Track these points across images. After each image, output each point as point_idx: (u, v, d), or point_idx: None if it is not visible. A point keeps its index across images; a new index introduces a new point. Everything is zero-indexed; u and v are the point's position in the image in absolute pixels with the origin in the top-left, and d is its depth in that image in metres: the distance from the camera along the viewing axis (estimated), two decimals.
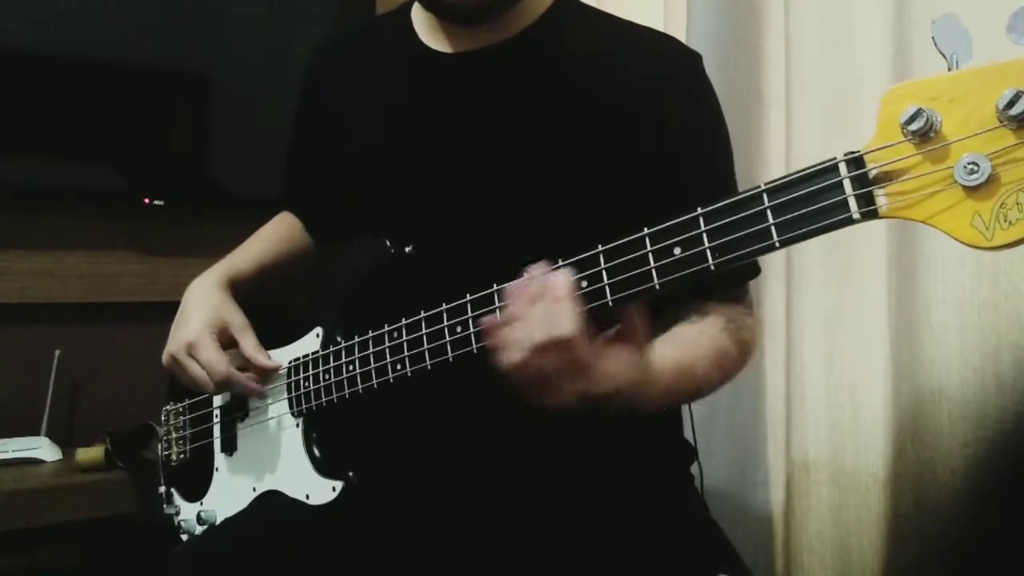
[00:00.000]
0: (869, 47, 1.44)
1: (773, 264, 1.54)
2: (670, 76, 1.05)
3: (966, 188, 0.57)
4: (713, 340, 0.99)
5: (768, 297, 1.56)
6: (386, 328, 0.97)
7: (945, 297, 1.35)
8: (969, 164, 0.57)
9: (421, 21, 1.13)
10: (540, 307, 0.77)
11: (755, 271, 1.10)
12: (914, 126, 0.58)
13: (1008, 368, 1.29)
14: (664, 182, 1.00)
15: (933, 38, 0.57)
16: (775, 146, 1.59)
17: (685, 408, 1.20)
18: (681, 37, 1.53)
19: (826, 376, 1.48)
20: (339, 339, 1.05)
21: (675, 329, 1.00)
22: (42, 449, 1.79)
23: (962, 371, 1.33)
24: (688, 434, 1.20)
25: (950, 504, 1.33)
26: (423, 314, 0.92)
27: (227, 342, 1.12)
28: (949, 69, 0.58)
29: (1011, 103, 0.54)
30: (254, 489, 1.13)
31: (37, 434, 1.82)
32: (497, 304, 0.85)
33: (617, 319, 0.80)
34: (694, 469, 1.18)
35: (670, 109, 1.02)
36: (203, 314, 1.12)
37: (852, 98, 1.44)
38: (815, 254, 1.49)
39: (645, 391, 0.85)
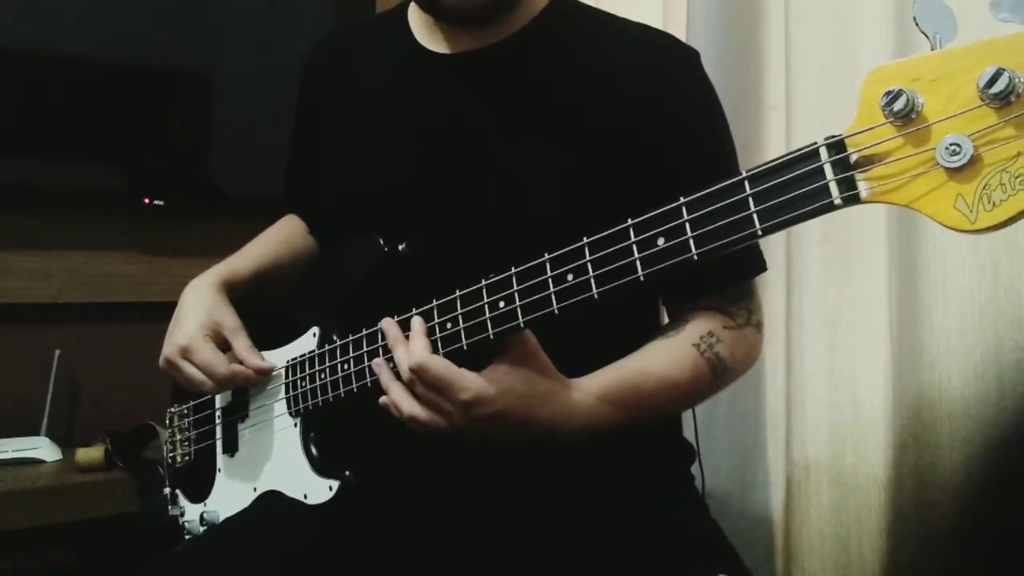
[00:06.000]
0: (869, 47, 1.43)
1: (773, 264, 1.51)
2: (667, 73, 1.04)
3: (948, 170, 0.56)
4: (675, 358, 0.97)
5: (768, 297, 1.54)
6: (379, 326, 0.96)
7: (946, 297, 1.34)
8: (951, 145, 0.55)
9: (418, 21, 1.13)
10: (398, 352, 0.89)
11: (754, 268, 1.07)
12: (895, 108, 0.57)
13: (1009, 368, 1.28)
14: (662, 180, 0.98)
15: (915, 18, 0.56)
16: (775, 148, 1.58)
17: None
18: (681, 38, 1.53)
19: (826, 376, 1.47)
20: (335, 338, 1.04)
21: (643, 347, 0.99)
22: (42, 449, 1.79)
23: (963, 371, 1.33)
24: (689, 434, 1.19)
25: (951, 504, 1.33)
26: (414, 311, 0.92)
27: (221, 344, 1.12)
28: (932, 49, 0.57)
29: (992, 80, 0.53)
30: (255, 489, 1.13)
31: (37, 434, 1.82)
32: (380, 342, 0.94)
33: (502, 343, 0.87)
34: (694, 469, 1.16)
35: (667, 106, 1.02)
36: (196, 317, 1.11)
37: (852, 99, 1.43)
38: (815, 253, 1.48)
39: (552, 404, 0.89)
